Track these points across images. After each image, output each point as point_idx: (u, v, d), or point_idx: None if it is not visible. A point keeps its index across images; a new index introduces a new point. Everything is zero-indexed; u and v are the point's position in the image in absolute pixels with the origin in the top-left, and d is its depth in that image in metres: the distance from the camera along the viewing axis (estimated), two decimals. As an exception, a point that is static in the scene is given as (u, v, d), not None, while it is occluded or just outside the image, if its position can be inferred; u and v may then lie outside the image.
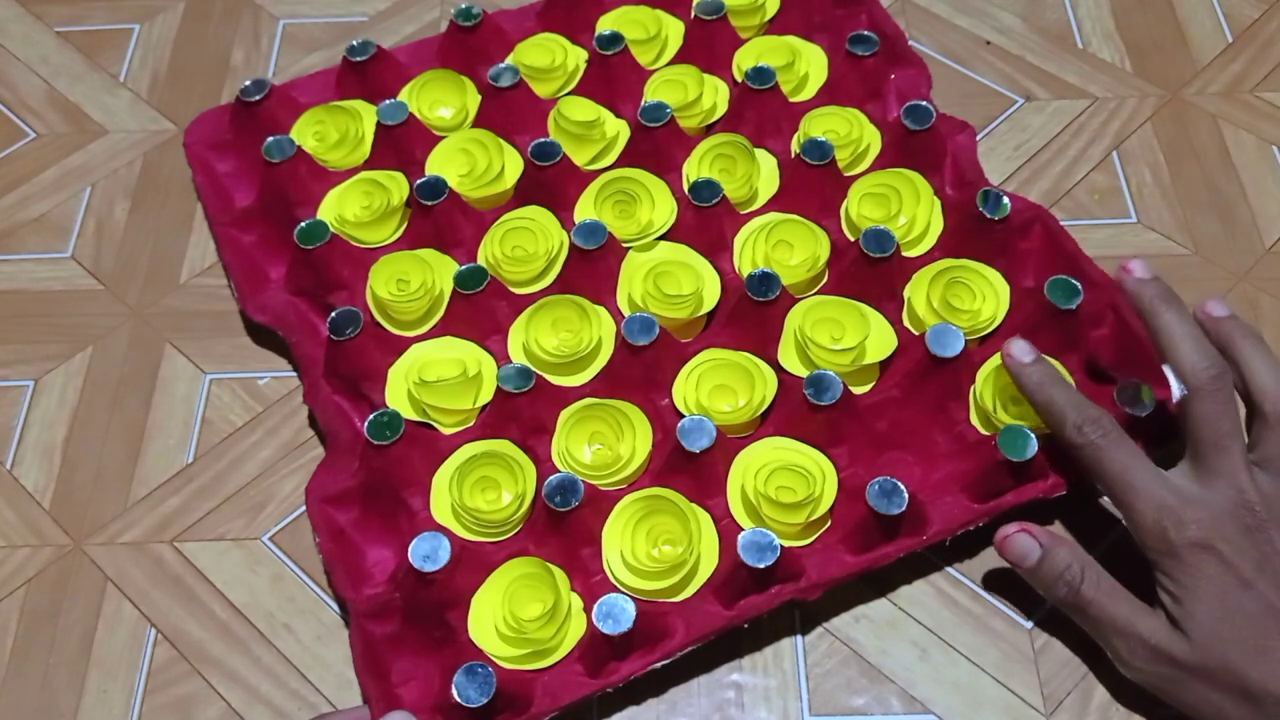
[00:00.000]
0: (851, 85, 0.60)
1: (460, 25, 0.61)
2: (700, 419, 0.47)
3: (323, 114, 0.60)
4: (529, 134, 0.58)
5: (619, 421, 0.49)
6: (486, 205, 0.57)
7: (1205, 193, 0.60)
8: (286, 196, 0.56)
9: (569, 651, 0.44)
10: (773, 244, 0.54)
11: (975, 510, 0.47)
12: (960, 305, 0.52)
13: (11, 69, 0.68)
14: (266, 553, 0.50)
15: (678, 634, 0.44)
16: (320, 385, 0.51)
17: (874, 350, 0.51)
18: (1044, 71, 0.65)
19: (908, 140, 0.56)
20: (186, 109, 0.65)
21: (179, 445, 0.53)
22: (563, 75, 0.61)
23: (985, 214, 0.52)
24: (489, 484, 0.48)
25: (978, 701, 0.46)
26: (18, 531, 0.51)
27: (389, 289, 0.53)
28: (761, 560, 0.43)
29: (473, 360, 0.51)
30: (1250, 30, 0.67)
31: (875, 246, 0.51)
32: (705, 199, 0.54)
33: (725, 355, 0.51)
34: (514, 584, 0.45)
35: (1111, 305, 0.51)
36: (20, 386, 0.55)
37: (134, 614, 0.49)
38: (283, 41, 0.68)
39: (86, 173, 0.63)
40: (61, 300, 0.58)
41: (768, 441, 0.49)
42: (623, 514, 0.47)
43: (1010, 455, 0.45)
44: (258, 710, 0.46)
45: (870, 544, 0.46)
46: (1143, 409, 0.47)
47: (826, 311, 0.51)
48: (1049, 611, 0.47)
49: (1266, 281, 0.56)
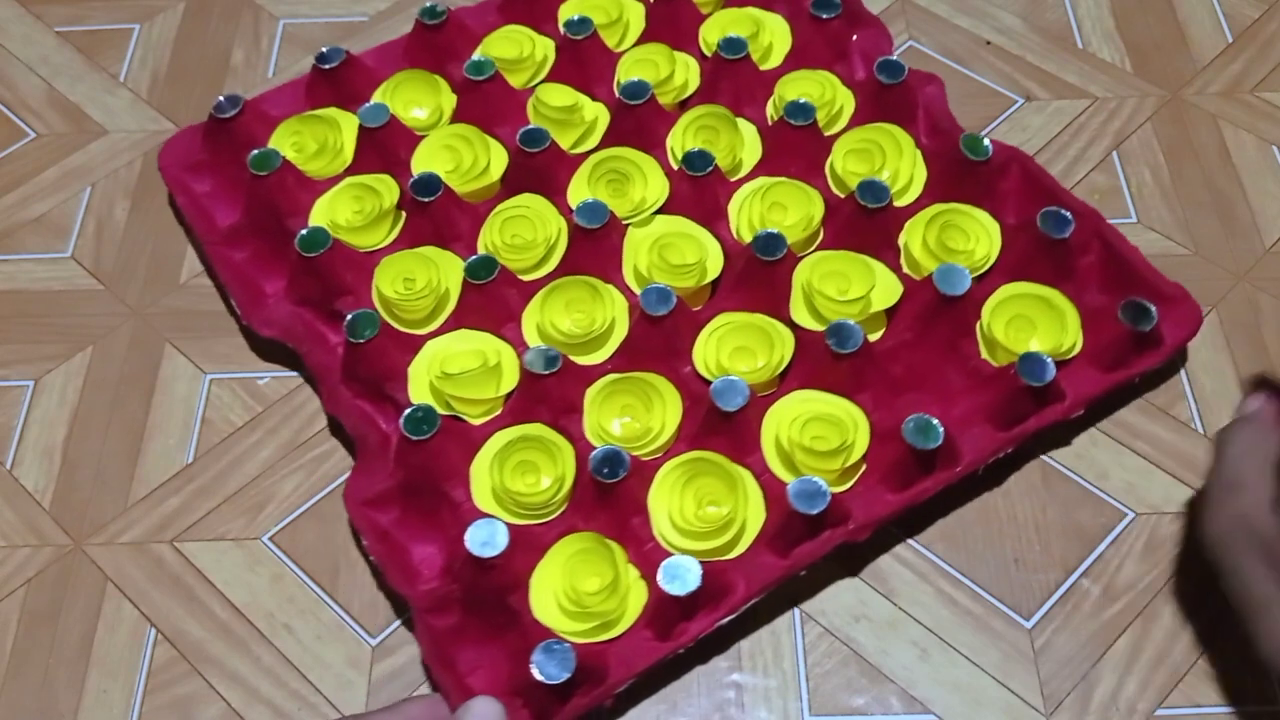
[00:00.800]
0: (818, 49, 0.62)
1: (426, 24, 0.61)
2: (731, 379, 0.48)
3: (298, 124, 0.59)
4: (509, 125, 0.58)
5: (647, 393, 0.50)
6: (475, 199, 0.57)
7: (1205, 193, 0.60)
8: (276, 208, 0.55)
9: (635, 619, 0.45)
10: (767, 206, 0.55)
11: (1001, 438, 0.49)
12: (956, 247, 0.54)
13: (11, 69, 0.68)
14: (266, 553, 0.50)
15: (739, 589, 0.45)
16: (340, 391, 0.51)
17: (880, 298, 0.52)
18: (1044, 71, 0.65)
19: (882, 95, 0.58)
20: (186, 109, 0.65)
21: (179, 445, 0.53)
22: (532, 65, 0.62)
23: (969, 157, 0.54)
24: (528, 467, 0.48)
25: (978, 701, 0.46)
26: (18, 531, 0.51)
27: (395, 288, 0.53)
28: (814, 507, 0.44)
29: (491, 350, 0.51)
30: (1250, 30, 0.67)
31: (871, 197, 0.53)
32: (699, 169, 0.55)
33: (740, 318, 0.52)
34: (571, 560, 0.45)
35: (1095, 232, 0.53)
36: (20, 386, 0.55)
37: (134, 614, 0.49)
38: (283, 41, 0.68)
39: (86, 173, 0.63)
40: (61, 300, 0.58)
41: (794, 395, 0.50)
42: (667, 479, 0.47)
43: (1029, 380, 0.47)
44: (258, 710, 0.46)
45: (909, 481, 0.47)
46: (1149, 323, 0.49)
47: (832, 265, 0.53)
48: (1049, 611, 0.48)
49: (1266, 281, 0.57)
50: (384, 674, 0.47)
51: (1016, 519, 0.50)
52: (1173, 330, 0.51)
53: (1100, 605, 0.48)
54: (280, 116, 0.60)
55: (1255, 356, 0.54)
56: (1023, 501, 0.51)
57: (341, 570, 0.49)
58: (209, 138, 0.59)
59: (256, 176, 0.55)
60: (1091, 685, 0.46)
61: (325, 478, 0.52)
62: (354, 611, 0.48)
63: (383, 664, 0.47)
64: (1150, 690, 0.45)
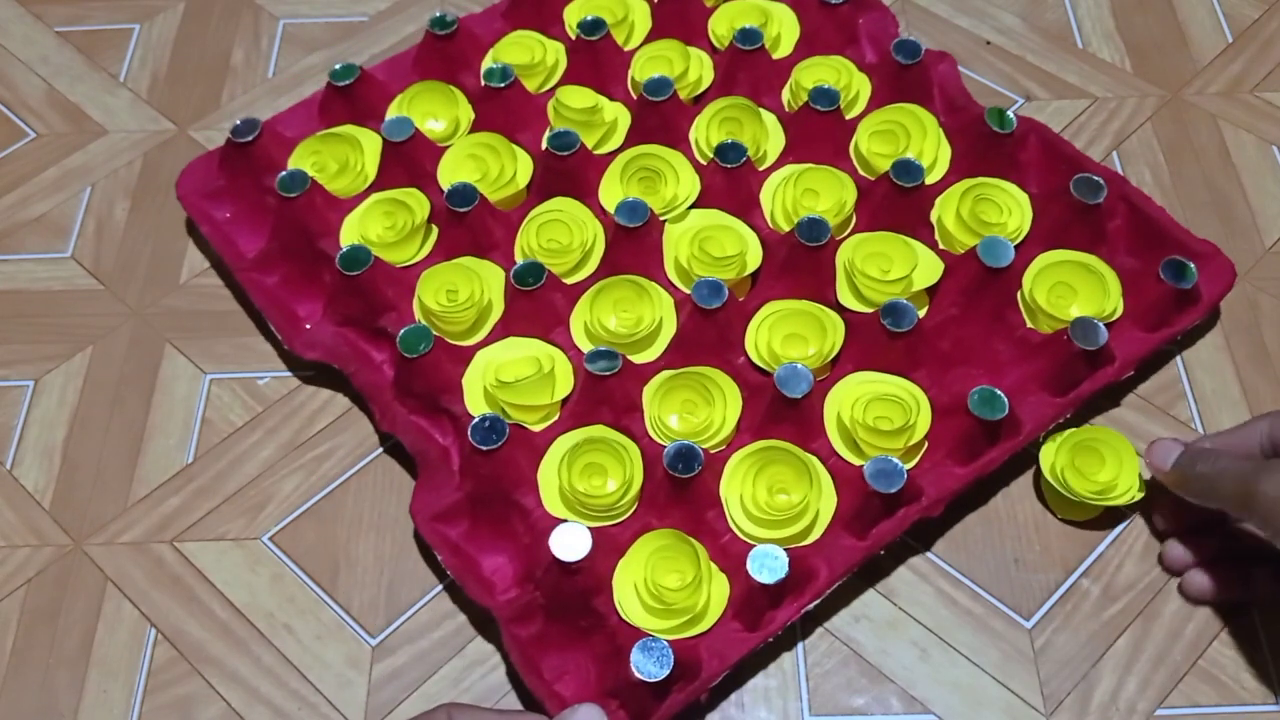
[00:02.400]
0: (827, 35, 0.63)
1: (436, 34, 0.61)
2: (793, 365, 0.48)
3: (318, 144, 0.59)
4: (529, 131, 0.58)
5: (706, 386, 0.50)
6: (504, 207, 0.57)
7: (1205, 193, 0.60)
8: (307, 230, 0.55)
9: (722, 612, 0.45)
10: (800, 192, 0.55)
11: (1059, 404, 0.49)
12: (990, 219, 0.54)
13: (11, 69, 0.68)
14: (266, 553, 0.50)
15: (821, 573, 0.45)
16: (394, 409, 0.51)
17: (922, 276, 0.52)
18: (1044, 71, 0.65)
19: (899, 77, 0.59)
20: (186, 109, 0.65)
21: (179, 445, 0.53)
22: (545, 70, 0.62)
23: (995, 129, 0.55)
24: (596, 469, 0.48)
25: (978, 701, 0.46)
26: (18, 531, 0.51)
27: (439, 301, 0.52)
28: (892, 485, 0.45)
29: (545, 356, 0.51)
30: (1250, 30, 0.67)
31: (907, 176, 0.53)
32: (732, 160, 0.55)
33: (789, 305, 0.52)
34: (652, 557, 0.46)
35: (1121, 195, 0.54)
36: (20, 386, 0.55)
37: (134, 614, 0.49)
38: (283, 41, 0.68)
39: (86, 173, 0.63)
40: (61, 300, 0.58)
41: (852, 378, 0.50)
42: (738, 471, 0.48)
43: (1084, 345, 0.48)
44: (258, 710, 0.46)
45: (976, 453, 0.48)
46: (1189, 280, 0.51)
47: (872, 246, 0.53)
48: (1049, 611, 0.48)
49: (1266, 281, 0.56)
50: (384, 674, 0.47)
51: (1016, 519, 0.50)
52: (1209, 286, 0.52)
53: (1100, 605, 0.48)
54: (295, 137, 0.59)
55: (1255, 356, 0.54)
56: (1023, 501, 0.50)
57: (341, 570, 0.49)
58: (226, 163, 0.58)
59: (284, 199, 0.54)
60: (1091, 685, 0.46)
61: (325, 478, 0.52)
62: (354, 611, 0.48)
63: (382, 664, 0.47)
64: (1150, 690, 0.45)
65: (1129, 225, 0.54)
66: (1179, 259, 0.51)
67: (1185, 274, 0.51)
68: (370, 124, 0.59)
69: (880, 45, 0.60)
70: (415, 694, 0.46)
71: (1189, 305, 0.52)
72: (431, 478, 0.49)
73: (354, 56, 0.67)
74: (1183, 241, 0.53)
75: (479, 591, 0.46)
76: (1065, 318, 0.51)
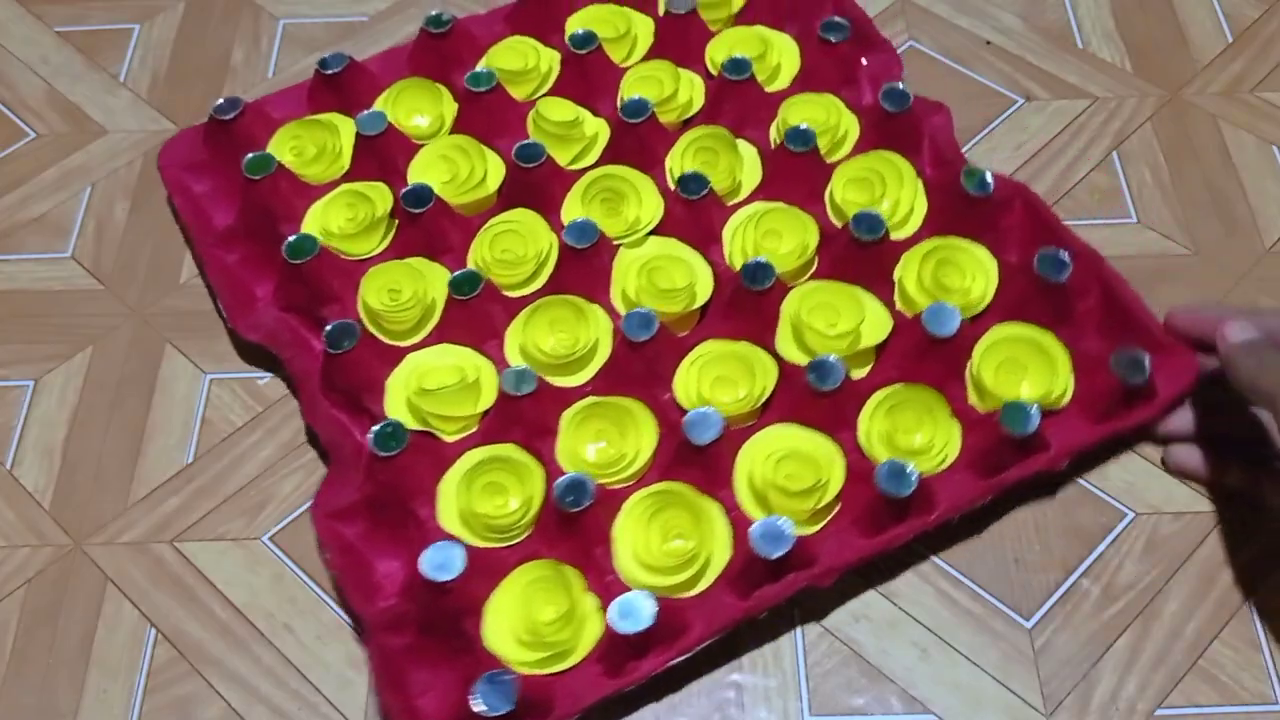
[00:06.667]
0: (826, 72, 0.61)
1: (431, 32, 0.61)
2: (705, 411, 0.47)
3: (299, 129, 0.59)
4: (509, 137, 0.58)
5: (622, 419, 0.49)
6: (471, 211, 0.57)
7: (1205, 193, 0.60)
8: (270, 213, 0.55)
9: (588, 653, 0.44)
10: (762, 233, 0.54)
11: (981, 487, 0.47)
12: (951, 284, 0.52)
13: (11, 69, 0.68)
14: (266, 553, 0.50)
15: (695, 629, 0.44)
16: (319, 400, 0.51)
17: (870, 333, 0.51)
18: (1044, 71, 0.65)
19: (886, 123, 0.57)
20: (186, 109, 0.65)
21: (179, 445, 0.53)
22: (537, 77, 0.61)
23: (970, 192, 0.53)
24: (497, 489, 0.48)
25: (978, 701, 0.46)
26: (18, 531, 0.51)
27: (381, 300, 0.52)
28: (775, 550, 0.43)
29: (471, 366, 0.51)
30: (1250, 30, 0.67)
31: (866, 230, 0.52)
32: (693, 192, 0.54)
33: (724, 346, 0.51)
34: (528, 588, 0.45)
35: (1097, 275, 0.51)
36: (20, 386, 0.55)
37: (134, 614, 0.49)
38: (283, 41, 0.68)
39: (86, 173, 0.63)
40: (61, 300, 0.58)
41: (773, 429, 0.49)
42: (634, 510, 0.47)
43: (1014, 430, 0.46)
44: (258, 710, 0.46)
45: (881, 526, 0.46)
46: (1141, 376, 0.47)
47: (821, 297, 0.52)
48: (1049, 611, 0.48)
49: (1266, 281, 0.56)
50: (384, 674, 0.47)
51: (1016, 519, 0.50)
52: (1167, 383, 0.49)
53: (1100, 605, 0.48)
54: (282, 119, 0.60)
55: (1255, 356, 0.54)
56: (1022, 502, 0.50)
57: (341, 570, 0.49)
58: (209, 138, 0.59)
59: (250, 180, 0.55)
60: (1091, 685, 0.46)
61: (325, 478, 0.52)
62: (354, 611, 0.48)
63: (383, 664, 0.47)
64: (1150, 690, 0.45)
65: (1101, 307, 0.51)
66: (1133, 351, 0.47)
67: (1137, 369, 0.47)
68: (356, 114, 0.59)
69: (879, 87, 0.58)
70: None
71: (1142, 401, 0.48)
72: (341, 474, 0.49)
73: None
74: (1150, 332, 0.50)
75: (356, 597, 0.46)
76: (1010, 396, 0.48)
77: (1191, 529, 0.49)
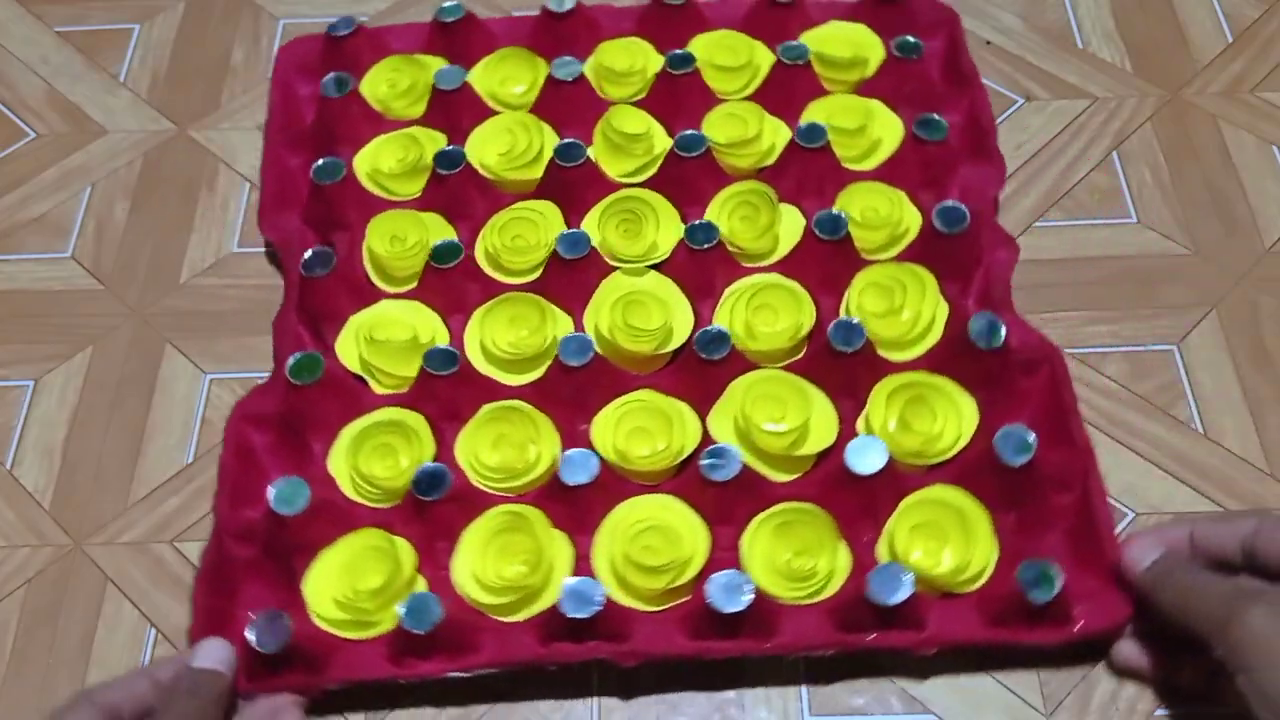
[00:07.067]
0: (911, 167, 0.57)
1: (551, 11, 0.62)
2: (588, 454, 0.47)
3: (401, 63, 0.62)
4: (581, 130, 0.58)
5: (527, 430, 0.49)
6: (512, 189, 0.57)
7: (1205, 193, 0.60)
8: (334, 132, 0.59)
9: (384, 633, 0.44)
10: (756, 306, 0.52)
11: (829, 637, 0.44)
12: (917, 425, 0.48)
13: (11, 69, 0.68)
14: (266, 553, 0.50)
15: (483, 652, 0.44)
16: (289, 313, 0.53)
17: (812, 441, 0.48)
18: (1044, 71, 0.65)
19: (938, 240, 0.53)
20: (186, 109, 0.65)
21: (179, 445, 0.53)
22: (640, 82, 0.60)
23: (975, 342, 0.49)
24: (387, 451, 0.49)
25: (978, 702, 0.46)
26: (18, 531, 0.51)
27: (383, 243, 0.54)
28: (578, 611, 0.42)
29: (427, 329, 0.52)
30: (1250, 30, 0.67)
31: (842, 340, 0.48)
32: (699, 241, 0.53)
33: (654, 399, 0.49)
34: (363, 552, 0.46)
35: (1083, 478, 0.46)
36: (20, 386, 0.55)
37: (134, 614, 0.48)
38: (283, 41, 0.68)
39: (86, 173, 0.63)
40: (61, 300, 0.58)
41: (658, 498, 0.47)
42: (486, 523, 0.47)
43: (876, 596, 0.42)
44: (258, 710, 0.46)
45: (705, 633, 0.44)
46: (1047, 593, 0.42)
47: (770, 388, 0.49)
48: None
49: (1266, 281, 0.56)
50: (384, 674, 0.47)
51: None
52: (1092, 616, 0.44)
53: (1100, 605, 0.48)
54: (397, 49, 0.63)
55: (1255, 356, 0.54)
56: (1023, 501, 0.50)
57: (341, 570, 0.49)
58: (323, 50, 0.63)
59: (326, 97, 0.59)
60: (1091, 685, 0.46)
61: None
62: (354, 611, 0.48)
63: (383, 664, 0.47)
64: (1150, 690, 0.45)
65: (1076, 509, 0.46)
66: (1044, 564, 0.42)
67: (1043, 584, 0.42)
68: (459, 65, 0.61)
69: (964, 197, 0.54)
70: (415, 694, 0.46)
71: (1053, 622, 0.43)
72: (273, 387, 0.51)
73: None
74: (1103, 555, 0.44)
75: (227, 497, 0.48)
76: (922, 561, 0.45)
77: (1191, 529, 0.49)
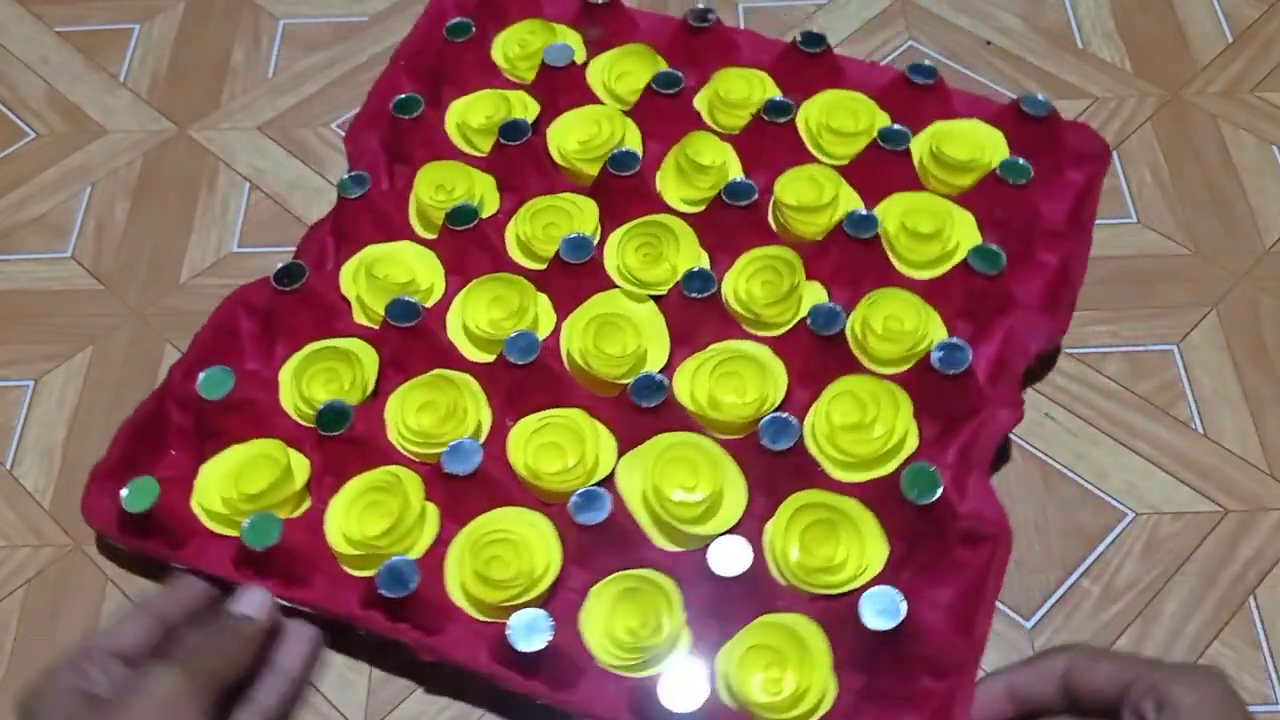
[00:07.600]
0: (955, 290, 0.52)
1: (692, 25, 0.62)
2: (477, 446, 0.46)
3: (539, 27, 0.63)
4: (664, 144, 0.58)
5: (457, 406, 0.49)
6: (576, 179, 0.58)
7: (1205, 193, 0.60)
8: (443, 73, 0.62)
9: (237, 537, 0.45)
10: (721, 374, 0.49)
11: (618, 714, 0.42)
12: (816, 550, 0.45)
13: (11, 69, 0.68)
14: (266, 553, 0.50)
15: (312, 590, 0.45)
16: (326, 222, 0.56)
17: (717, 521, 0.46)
18: (1044, 71, 0.65)
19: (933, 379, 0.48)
20: (186, 109, 0.65)
21: (179, 445, 0.53)
22: (746, 116, 0.58)
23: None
24: (332, 376, 0.50)
25: (978, 701, 0.46)
26: (18, 531, 0.51)
27: (429, 190, 0.56)
28: (389, 589, 0.42)
29: (427, 279, 0.54)
30: (1250, 30, 0.67)
31: (771, 438, 0.46)
32: (692, 289, 0.51)
33: (578, 420, 0.48)
34: (257, 457, 0.47)
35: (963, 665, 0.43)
36: (20, 386, 0.55)
37: (134, 614, 0.49)
38: (283, 41, 0.68)
39: (86, 173, 0.63)
40: (61, 300, 0.58)
41: (530, 514, 0.46)
42: (370, 476, 0.47)
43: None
44: (258, 710, 0.46)
45: (503, 659, 0.43)
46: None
47: (689, 453, 0.47)
48: (1049, 611, 0.48)
49: (1266, 281, 0.57)
50: (384, 674, 0.47)
51: (1016, 519, 0.50)
52: None
53: (1100, 605, 0.48)
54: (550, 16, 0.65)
55: (1255, 356, 0.54)
56: (1023, 501, 0.51)
57: (341, 570, 0.49)
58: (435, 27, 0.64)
59: (446, 40, 0.62)
60: None
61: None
62: (354, 611, 0.48)
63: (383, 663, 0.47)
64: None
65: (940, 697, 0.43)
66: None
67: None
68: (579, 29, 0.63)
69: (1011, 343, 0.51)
70: (415, 694, 0.46)
71: None
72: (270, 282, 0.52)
73: (354, 56, 0.67)
74: None
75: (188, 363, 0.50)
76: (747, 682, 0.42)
77: (1191, 529, 0.49)
